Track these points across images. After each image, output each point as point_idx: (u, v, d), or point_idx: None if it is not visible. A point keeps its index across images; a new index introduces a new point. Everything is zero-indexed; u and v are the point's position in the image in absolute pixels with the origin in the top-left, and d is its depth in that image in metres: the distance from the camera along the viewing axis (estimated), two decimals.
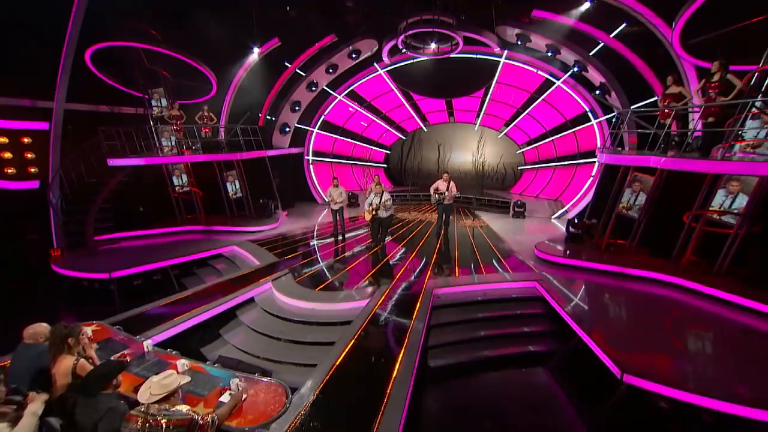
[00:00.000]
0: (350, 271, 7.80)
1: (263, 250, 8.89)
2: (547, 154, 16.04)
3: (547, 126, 15.29)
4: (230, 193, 12.48)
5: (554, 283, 6.93)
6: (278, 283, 7.01)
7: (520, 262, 8.13)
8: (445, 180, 9.78)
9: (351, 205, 15.49)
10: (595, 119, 12.65)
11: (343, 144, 18.06)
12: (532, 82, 13.78)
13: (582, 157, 13.81)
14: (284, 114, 15.12)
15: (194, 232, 10.92)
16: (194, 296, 6.42)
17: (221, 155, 11.53)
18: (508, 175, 18.02)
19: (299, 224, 12.07)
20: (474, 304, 6.64)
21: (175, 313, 5.67)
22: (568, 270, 7.68)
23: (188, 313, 5.63)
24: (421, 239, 10.19)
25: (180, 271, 8.59)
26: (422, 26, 11.78)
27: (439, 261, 8.30)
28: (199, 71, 11.46)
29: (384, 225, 9.16)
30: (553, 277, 7.16)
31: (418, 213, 13.93)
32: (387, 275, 7.46)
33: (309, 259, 8.58)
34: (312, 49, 13.65)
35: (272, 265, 7.90)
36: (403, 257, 8.62)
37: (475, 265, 8.00)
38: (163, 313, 5.76)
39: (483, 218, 12.83)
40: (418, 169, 19.40)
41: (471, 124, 18.27)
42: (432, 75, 14.67)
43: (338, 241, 10.02)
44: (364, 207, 9.22)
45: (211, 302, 6.09)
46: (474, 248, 9.31)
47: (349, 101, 16.41)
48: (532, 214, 13.23)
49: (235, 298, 6.44)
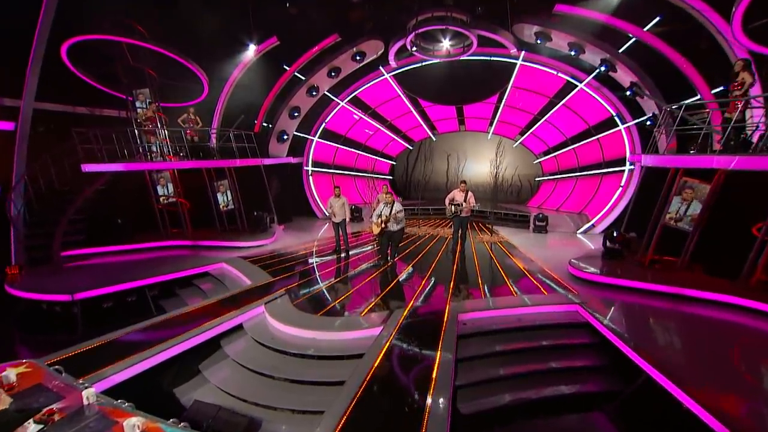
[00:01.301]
0: (356, 293, 7.04)
1: (256, 268, 8.21)
2: (567, 164, 15.48)
3: (568, 133, 14.77)
4: (221, 204, 11.81)
5: (599, 306, 6.07)
6: (272, 307, 6.20)
7: (553, 282, 7.31)
8: (461, 190, 9.17)
9: (354, 220, 14.73)
10: (623, 124, 12.01)
11: (345, 154, 17.57)
12: (552, 85, 13.29)
13: (608, 165, 13.20)
14: (282, 120, 14.53)
15: (179, 247, 10.26)
16: (170, 322, 5.57)
17: (211, 162, 10.90)
18: (524, 187, 17.46)
19: (297, 240, 11.42)
20: (507, 332, 5.78)
21: (145, 342, 4.80)
22: (610, 290, 6.92)
23: (159, 345, 4.75)
24: (435, 256, 9.49)
25: (159, 292, 7.82)
26: (434, 23, 11.30)
27: (459, 281, 7.53)
28: (189, 71, 10.86)
29: (394, 240, 8.50)
30: (594, 299, 6.32)
31: (428, 228, 13.28)
32: (399, 298, 6.72)
33: (308, 278, 7.85)
34: (313, 50, 13.17)
35: (265, 286, 7.17)
36: (417, 277, 7.88)
37: (501, 285, 7.21)
38: (130, 342, 4.90)
39: (501, 233, 12.13)
40: (426, 181, 18.81)
41: (483, 132, 17.81)
42: (442, 79, 14.23)
43: (341, 259, 9.34)
44: (372, 219, 8.50)
45: (190, 330, 5.22)
46: (498, 266, 8.51)
47: (352, 108, 15.93)
48: (554, 228, 12.57)
49: (219, 325, 5.57)
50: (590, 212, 13.11)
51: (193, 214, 11.45)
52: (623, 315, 5.99)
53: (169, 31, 9.90)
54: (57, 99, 9.18)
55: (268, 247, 10.31)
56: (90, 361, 4.20)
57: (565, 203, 14.95)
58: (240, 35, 11.22)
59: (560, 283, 7.21)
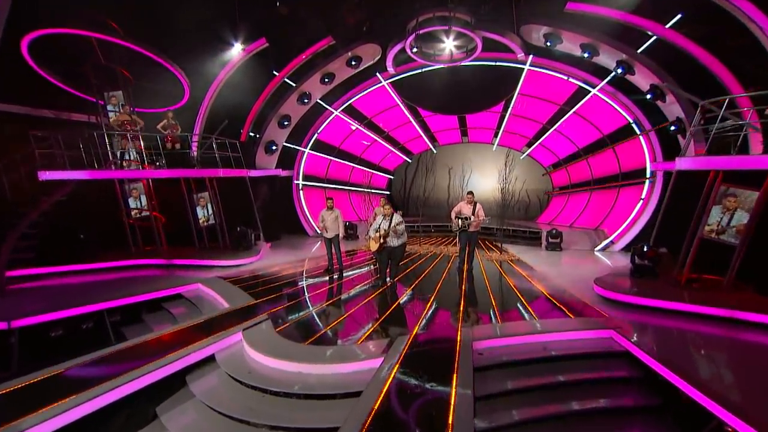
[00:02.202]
0: (351, 318, 6.39)
1: (236, 290, 7.62)
2: (580, 177, 15.13)
3: (580, 143, 14.45)
4: (200, 219, 11.30)
5: (636, 331, 5.43)
6: (251, 334, 5.50)
7: (579, 304, 6.70)
8: (469, 202, 8.71)
9: (348, 238, 14.31)
10: (642, 131, 11.67)
11: (339, 167, 17.22)
12: (562, 91, 13.03)
13: (626, 177, 12.81)
14: (271, 130, 14.04)
15: (151, 266, 9.62)
16: (124, 354, 4.84)
17: (190, 171, 10.31)
18: (532, 202, 17.14)
19: (285, 258, 10.87)
20: (532, 363, 5.09)
21: (87, 380, 4.05)
22: (644, 313, 6.35)
23: (105, 383, 3.99)
24: (440, 276, 8.92)
25: (122, 317, 7.12)
26: (435, 24, 11.00)
27: (469, 304, 6.93)
28: (168, 72, 10.42)
29: (395, 257, 7.91)
30: (628, 323, 5.71)
31: (430, 246, 12.79)
32: (401, 323, 6.10)
33: (295, 301, 7.24)
34: (305, 53, 12.81)
35: (245, 309, 6.50)
36: (420, 299, 7.24)
37: (518, 308, 6.58)
38: (70, 379, 4.15)
39: (511, 251, 11.64)
40: (426, 197, 18.42)
41: (488, 144, 17.59)
42: (443, 87, 14.02)
43: (334, 279, 8.73)
44: (368, 235, 7.95)
45: (147, 363, 4.47)
46: (512, 287, 7.90)
47: (346, 117, 15.62)
48: (569, 246, 12.09)
49: (185, 357, 4.83)
50: (608, 228, 12.66)
51: (168, 229, 10.96)
52: (668, 342, 5.34)
53: (146, 28, 9.44)
54: (14, 99, 8.59)
55: (252, 266, 9.85)
56: (12, 406, 3.44)
57: (579, 219, 14.53)
58: (224, 33, 10.81)
59: (586, 306, 6.61)
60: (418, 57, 12.34)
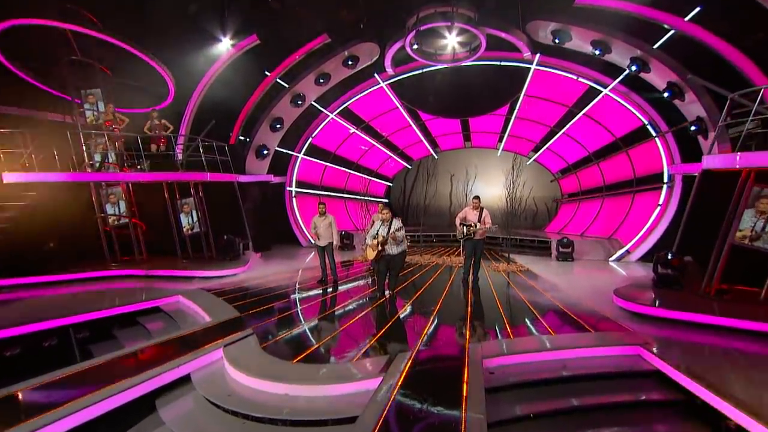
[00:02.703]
0: (345, 333, 5.99)
1: (220, 302, 7.28)
2: (591, 183, 14.99)
3: (591, 147, 14.31)
4: (184, 227, 10.93)
5: (667, 348, 5.07)
6: (233, 351, 5.09)
7: (598, 318, 6.33)
8: (474, 208, 8.46)
9: (344, 248, 14.02)
10: (658, 133, 11.46)
11: (334, 174, 17.09)
12: (571, 92, 12.91)
13: (641, 182, 12.58)
14: (262, 133, 13.91)
15: (129, 278, 9.26)
16: (86, 374, 4.41)
17: (173, 175, 9.95)
18: (540, 211, 16.95)
19: (276, 268, 10.62)
20: (550, 383, 4.67)
21: (42, 404, 3.65)
22: (671, 327, 5.99)
23: (59, 408, 3.56)
24: (443, 288, 8.57)
25: (91, 334, 6.68)
26: (437, 20, 10.83)
27: (477, 318, 6.54)
28: (151, 69, 10.19)
29: (394, 266, 7.54)
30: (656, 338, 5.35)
31: (432, 256, 12.45)
32: (401, 339, 5.73)
33: (285, 314, 6.84)
34: (298, 52, 12.63)
35: (229, 323, 6.09)
36: (422, 312, 6.86)
37: (531, 322, 6.25)
38: (21, 403, 3.73)
39: (520, 262, 11.35)
40: (427, 205, 18.20)
41: (492, 149, 17.52)
42: (445, 88, 14.00)
43: (327, 291, 8.35)
44: (365, 242, 7.62)
45: (111, 384, 4.05)
46: (523, 299, 7.55)
47: (342, 121, 15.52)
48: (581, 256, 11.87)
49: (156, 377, 4.40)
50: (622, 237, 12.40)
51: (149, 238, 10.64)
52: (704, 360, 4.92)
53: (126, 20, 9.19)
54: None
55: (239, 277, 9.52)
56: None
57: (591, 227, 14.27)
58: (211, 26, 10.57)
59: (607, 319, 6.23)
60: (419, 56, 12.23)
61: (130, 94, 10.63)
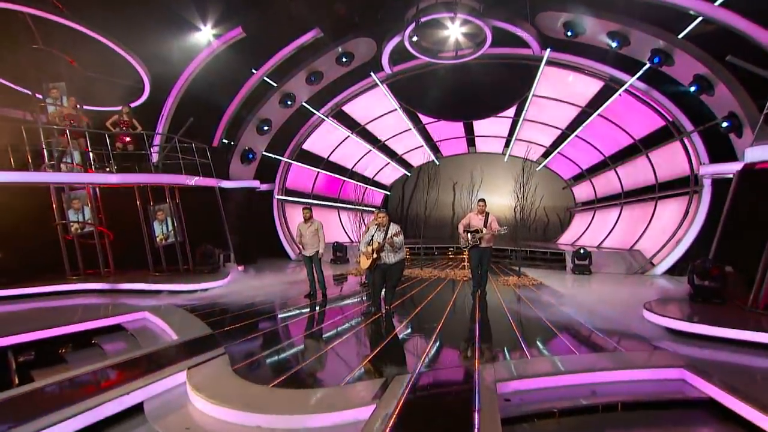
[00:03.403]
0: (333, 352, 5.51)
1: (192, 319, 6.87)
2: (607, 189, 14.78)
3: (607, 151, 14.06)
4: (158, 237, 10.51)
5: (715, 370, 4.52)
6: (198, 374, 4.54)
7: (628, 335, 5.87)
8: (479, 212, 8.15)
9: (337, 261, 13.68)
10: (682, 133, 11.10)
11: (328, 181, 16.92)
12: (585, 91, 12.63)
13: (664, 188, 12.25)
14: (248, 135, 13.58)
15: (91, 293, 8.75)
16: (19, 402, 3.87)
17: (145, 176, 9.68)
18: (551, 221, 16.78)
19: (259, 282, 10.29)
20: (578, 413, 4.12)
21: None
22: (716, 346, 5.51)
23: None
24: (447, 303, 8.13)
25: (36, 356, 6.12)
26: (439, 11, 10.57)
27: (487, 336, 6.08)
28: (124, 62, 9.92)
29: (391, 276, 7.05)
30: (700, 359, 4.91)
31: (433, 269, 12.07)
32: (398, 360, 5.30)
33: (264, 331, 6.40)
34: (288, 47, 12.41)
35: (199, 342, 5.58)
36: (423, 330, 6.43)
37: (551, 340, 5.76)
38: None
39: (531, 275, 10.89)
40: (427, 215, 17.97)
41: (499, 154, 17.40)
42: (447, 89, 13.83)
43: (315, 306, 7.95)
44: (359, 249, 7.27)
45: (41, 417, 3.47)
46: (538, 314, 7.15)
47: (336, 124, 15.27)
48: (599, 269, 11.55)
49: (97, 407, 3.81)
50: (645, 248, 12.02)
51: (118, 248, 10.13)
52: None
53: (95, 6, 8.82)
54: None
55: (217, 291, 9.19)
56: None
57: (609, 238, 13.97)
58: (189, 13, 10.23)
59: (638, 337, 5.76)
60: (419, 53, 12.03)
61: (101, 89, 10.26)
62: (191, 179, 10.38)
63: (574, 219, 16.21)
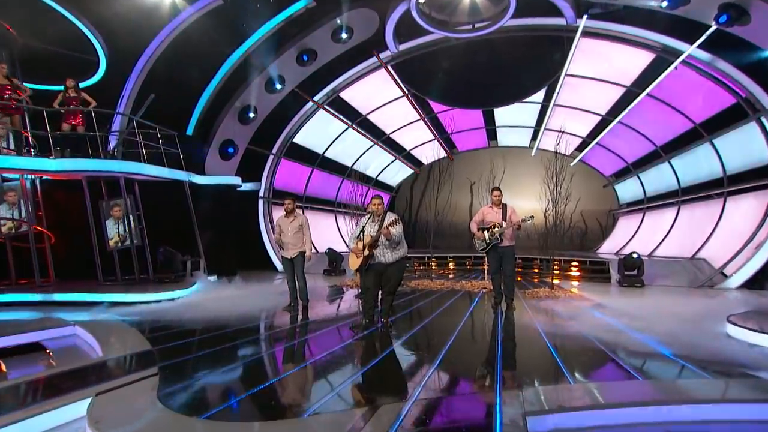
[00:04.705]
0: (302, 374, 4.86)
1: (133, 334, 6.35)
2: (660, 186, 14.39)
3: (659, 139, 13.52)
4: (111, 238, 10.00)
5: None
6: (107, 403, 3.78)
7: (708, 358, 5.00)
8: (496, 204, 7.56)
9: (331, 272, 13.34)
10: (756, 113, 10.28)
11: (323, 180, 16.74)
12: (630, 66, 12.00)
13: (735, 181, 11.55)
14: (228, 125, 13.21)
15: (17, 305, 8.39)
16: None
17: (92, 163, 9.07)
18: (590, 228, 16.60)
19: (231, 293, 9.91)
20: None
21: None
22: None
23: None
24: (460, 317, 7.59)
25: None
26: None
27: (511, 357, 5.38)
28: (75, 30, 9.62)
29: (387, 280, 6.27)
30: None
31: (446, 281, 11.68)
32: (394, 387, 4.50)
33: (219, 348, 5.68)
34: (275, 19, 11.86)
35: (126, 361, 5.09)
36: (427, 346, 5.90)
37: (600, 365, 5.03)
38: None
39: (566, 287, 10.48)
40: (439, 222, 17.01)
41: (525, 148, 17.23)
42: (463, 70, 13.62)
43: (293, 320, 7.40)
44: (348, 244, 6.56)
45: None
46: (580, 332, 6.30)
47: (333, 113, 14.97)
48: (653, 281, 10.87)
49: None
50: (711, 256, 11.40)
51: (62, 252, 9.82)
52: None
53: None
54: None
55: (178, 302, 8.83)
56: None
57: (663, 245, 13.41)
58: None
59: (723, 360, 4.94)
60: (430, 25, 11.56)
61: (46, 62, 9.83)
62: (152, 169, 9.80)
63: (618, 223, 15.95)
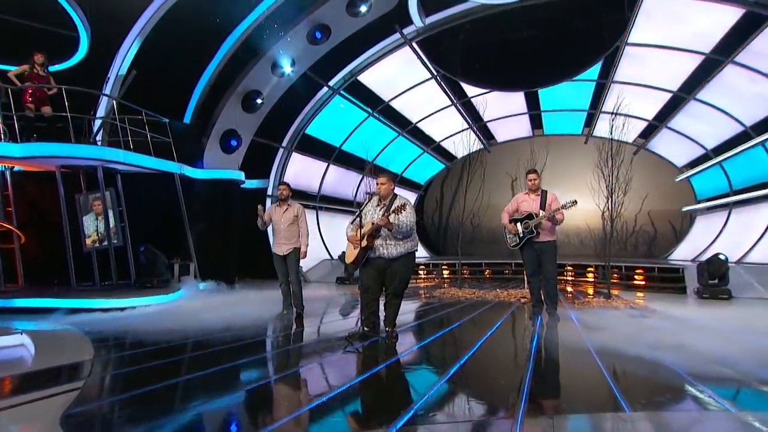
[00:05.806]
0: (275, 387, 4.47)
1: (81, 343, 6.20)
2: (750, 176, 13.45)
3: (748, 119, 12.54)
4: (87, 236, 9.95)
5: None
6: None
7: None
8: (532, 190, 7.28)
9: (345, 281, 13.27)
10: None
11: (339, 177, 16.48)
12: (711, 27, 11.08)
13: None
14: (229, 113, 13.09)
15: None
16: None
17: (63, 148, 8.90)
18: (660, 232, 15.83)
19: (221, 300, 9.79)
20: None
21: None
22: None
23: None
24: (486, 327, 7.13)
25: None
26: None
27: (545, 378, 4.73)
28: None
29: (392, 279, 5.58)
30: None
31: (477, 289, 11.52)
32: (389, 409, 3.82)
33: (178, 358, 5.54)
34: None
35: (46, 374, 4.90)
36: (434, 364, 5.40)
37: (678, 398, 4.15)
38: None
39: (629, 298, 9.96)
40: (474, 225, 17.31)
41: (577, 137, 16.70)
42: (501, 45, 13.25)
43: (280, 329, 7.14)
44: (346, 232, 5.89)
45: None
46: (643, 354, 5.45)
47: (351, 99, 14.82)
48: (742, 292, 10.02)
49: None
50: None
51: (33, 253, 9.87)
52: None
53: None
54: None
55: (157, 308, 8.75)
56: None
57: (756, 248, 12.53)
58: None
59: None
60: None
61: (20, 40, 9.77)
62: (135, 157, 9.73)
63: (696, 224, 15.21)
